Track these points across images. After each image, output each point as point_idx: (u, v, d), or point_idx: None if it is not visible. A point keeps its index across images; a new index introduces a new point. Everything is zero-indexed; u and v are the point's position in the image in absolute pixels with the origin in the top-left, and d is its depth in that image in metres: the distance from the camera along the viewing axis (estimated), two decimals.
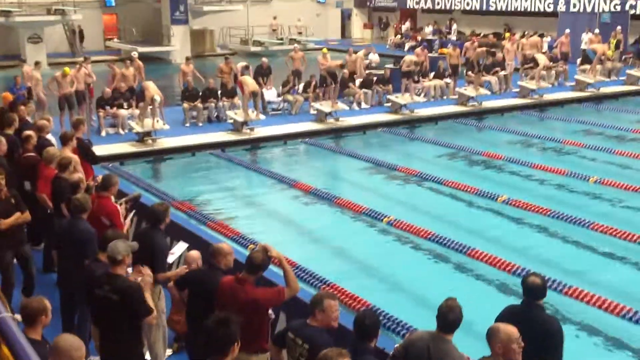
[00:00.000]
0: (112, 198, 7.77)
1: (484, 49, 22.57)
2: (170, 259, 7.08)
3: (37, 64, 18.35)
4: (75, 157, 9.03)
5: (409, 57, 20.80)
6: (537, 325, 4.91)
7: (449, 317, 4.66)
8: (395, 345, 5.05)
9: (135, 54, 19.49)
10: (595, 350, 7.82)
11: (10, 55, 32.78)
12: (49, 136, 10.58)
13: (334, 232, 11.56)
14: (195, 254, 6.70)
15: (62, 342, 4.20)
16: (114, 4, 37.08)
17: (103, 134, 16.96)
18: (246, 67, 19.76)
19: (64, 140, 9.48)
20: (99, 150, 11.88)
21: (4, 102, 13.96)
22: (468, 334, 7.26)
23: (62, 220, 7.69)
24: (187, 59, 20.10)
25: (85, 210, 6.97)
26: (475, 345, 6.18)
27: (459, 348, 4.82)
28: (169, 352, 7.07)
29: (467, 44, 22.90)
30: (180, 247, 7.66)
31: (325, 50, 21.45)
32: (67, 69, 17.11)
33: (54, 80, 16.79)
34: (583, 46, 26.81)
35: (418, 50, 24.09)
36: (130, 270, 5.88)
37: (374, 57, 25.91)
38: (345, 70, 20.26)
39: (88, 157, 10.18)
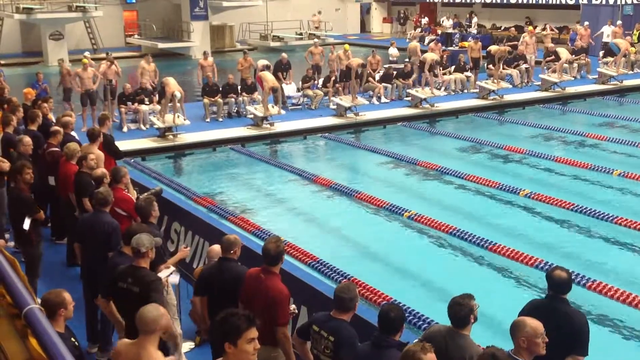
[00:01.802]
0: (130, 187, 7.90)
1: (507, 48, 22.25)
2: None
3: None
4: (100, 154, 9.05)
5: (430, 56, 20.56)
6: (562, 320, 4.87)
7: (456, 314, 4.67)
8: (414, 341, 5.04)
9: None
10: (620, 345, 7.75)
11: (32, 52, 33.14)
12: (73, 133, 10.67)
13: (355, 227, 11.54)
14: (217, 248, 6.71)
15: (146, 313, 4.36)
16: (134, 0, 37.31)
17: (125, 129, 17.08)
18: (267, 67, 19.68)
19: (92, 136, 9.44)
20: (121, 145, 11.96)
21: (26, 98, 14.00)
22: (490, 328, 7.26)
23: (85, 214, 7.78)
24: (205, 53, 20.13)
25: (108, 204, 7.05)
26: (497, 339, 6.16)
27: (480, 342, 4.79)
28: (191, 344, 7.12)
29: (494, 47, 22.29)
30: (164, 273, 6.53)
31: (347, 46, 21.36)
32: (85, 59, 17.18)
33: (76, 76, 16.92)
34: (605, 39, 26.40)
35: (432, 45, 23.90)
36: None
37: (394, 51, 25.85)
38: (367, 67, 20.17)
39: (112, 152, 10.26)
